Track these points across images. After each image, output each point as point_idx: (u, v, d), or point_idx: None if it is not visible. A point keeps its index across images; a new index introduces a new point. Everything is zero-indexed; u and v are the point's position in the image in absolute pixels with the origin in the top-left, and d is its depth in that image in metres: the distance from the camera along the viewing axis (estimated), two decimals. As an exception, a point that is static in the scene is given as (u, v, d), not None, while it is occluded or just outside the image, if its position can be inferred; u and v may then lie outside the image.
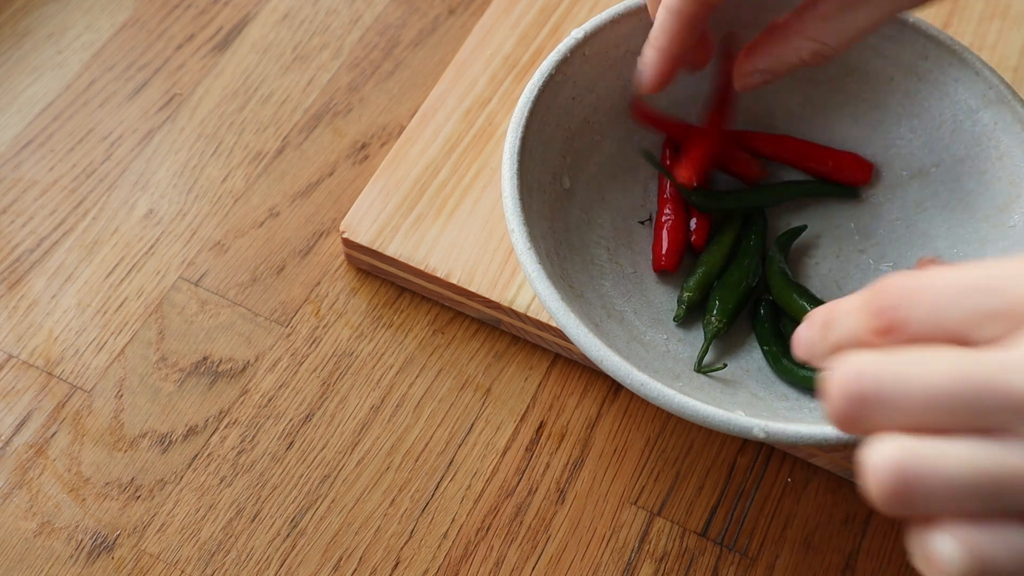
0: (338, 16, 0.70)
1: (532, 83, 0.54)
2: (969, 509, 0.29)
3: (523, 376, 0.58)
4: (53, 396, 0.57)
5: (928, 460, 0.29)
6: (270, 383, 0.57)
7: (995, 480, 0.29)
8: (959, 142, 0.56)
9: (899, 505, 0.30)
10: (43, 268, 0.61)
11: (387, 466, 0.55)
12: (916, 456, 0.29)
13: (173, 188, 0.63)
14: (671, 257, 0.56)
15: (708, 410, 0.45)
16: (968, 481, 0.29)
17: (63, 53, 0.68)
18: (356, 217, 0.59)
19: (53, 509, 0.54)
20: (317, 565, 0.53)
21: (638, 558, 0.53)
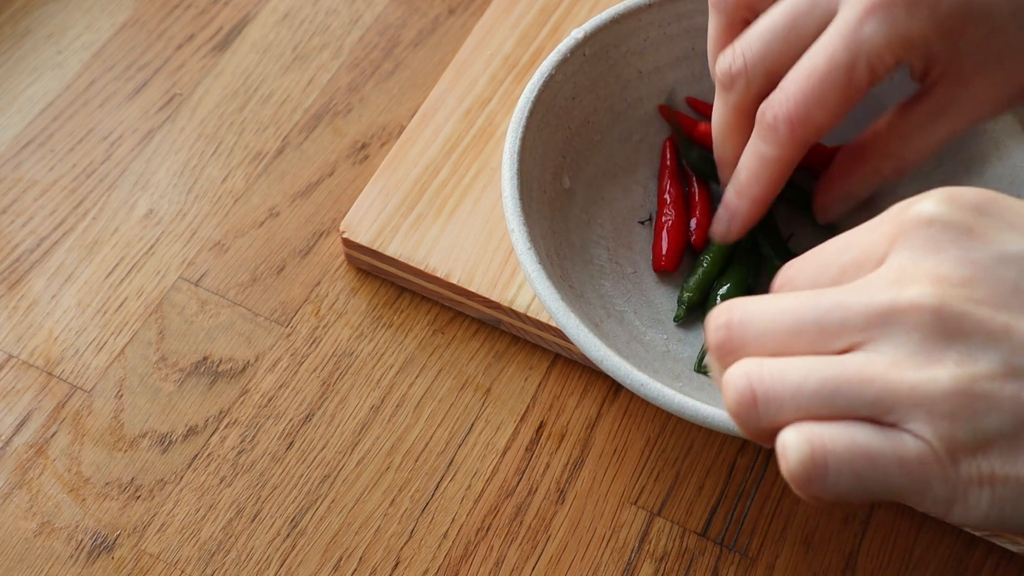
0: (338, 16, 0.70)
1: (532, 83, 0.54)
2: (811, 412, 0.33)
3: (523, 376, 0.58)
4: (53, 396, 0.57)
5: (773, 371, 0.33)
6: (270, 383, 0.57)
7: (830, 383, 0.33)
8: (959, 142, 0.56)
9: (751, 415, 0.34)
10: (43, 268, 0.61)
11: (387, 466, 0.55)
12: (764, 368, 0.34)
13: (173, 188, 0.63)
14: (671, 257, 0.56)
15: (708, 410, 0.45)
16: (807, 386, 0.33)
17: (63, 53, 0.68)
18: (356, 217, 0.59)
19: (53, 509, 0.54)
20: (317, 565, 0.53)
21: (638, 558, 0.53)
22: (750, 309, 0.35)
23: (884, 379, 0.32)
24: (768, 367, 0.34)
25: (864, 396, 0.32)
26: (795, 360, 0.33)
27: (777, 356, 0.34)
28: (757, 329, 0.35)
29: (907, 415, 0.32)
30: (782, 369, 0.33)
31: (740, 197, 0.51)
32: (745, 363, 0.34)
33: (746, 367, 0.34)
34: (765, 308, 0.35)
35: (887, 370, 0.32)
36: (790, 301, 0.34)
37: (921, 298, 0.32)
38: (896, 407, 0.32)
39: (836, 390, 0.33)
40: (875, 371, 0.32)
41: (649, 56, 0.58)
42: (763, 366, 0.34)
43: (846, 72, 0.45)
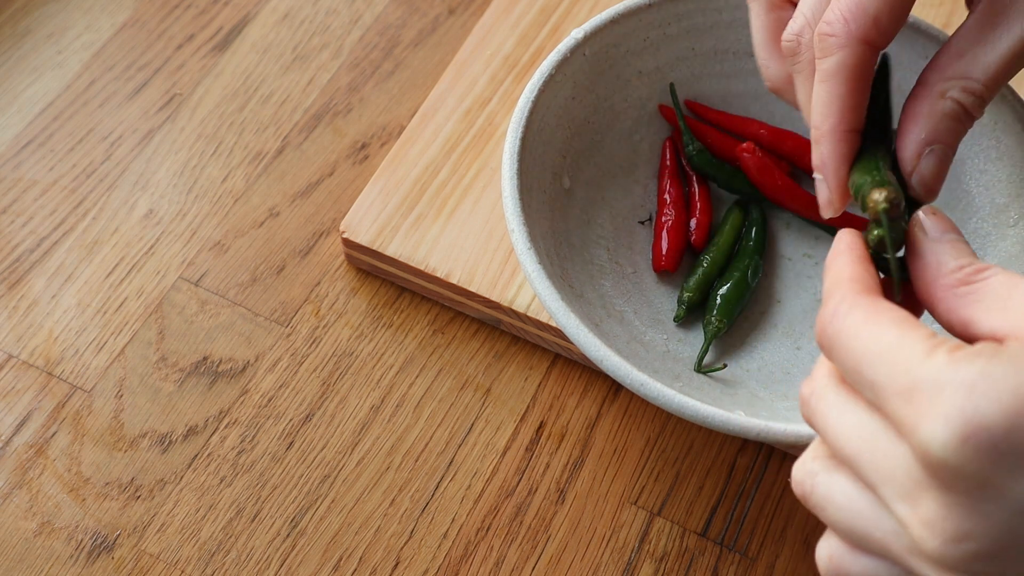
0: (338, 16, 0.70)
1: (532, 83, 0.54)
2: (846, 539, 0.35)
3: (523, 376, 0.58)
4: (53, 396, 0.57)
5: (819, 494, 0.35)
6: (270, 383, 0.57)
7: (861, 537, 0.34)
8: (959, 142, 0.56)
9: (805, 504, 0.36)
10: (43, 268, 0.61)
11: (387, 466, 0.55)
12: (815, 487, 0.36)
13: (173, 188, 0.63)
14: (671, 257, 0.56)
15: (708, 410, 0.45)
16: (843, 530, 0.35)
17: (63, 53, 0.68)
18: (356, 217, 0.59)
19: (53, 509, 0.54)
20: (317, 565, 0.53)
21: (638, 558, 0.53)
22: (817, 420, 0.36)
23: (904, 559, 0.33)
24: (817, 488, 0.36)
25: (886, 557, 0.34)
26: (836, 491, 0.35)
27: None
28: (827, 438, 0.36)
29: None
30: (824, 497, 0.35)
31: (819, 141, 0.44)
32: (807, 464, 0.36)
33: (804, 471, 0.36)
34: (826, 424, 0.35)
35: (908, 554, 0.33)
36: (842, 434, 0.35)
37: (925, 546, 0.32)
38: None
39: (861, 541, 0.34)
40: (897, 549, 0.33)
41: (649, 56, 0.58)
42: (814, 483, 0.36)
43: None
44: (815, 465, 0.36)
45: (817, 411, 0.36)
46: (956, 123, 0.43)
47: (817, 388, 0.36)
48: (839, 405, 0.35)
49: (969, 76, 0.43)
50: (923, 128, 0.43)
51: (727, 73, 0.60)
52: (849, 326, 0.34)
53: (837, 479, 0.35)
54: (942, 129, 0.43)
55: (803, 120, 0.47)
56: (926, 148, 0.43)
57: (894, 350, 0.33)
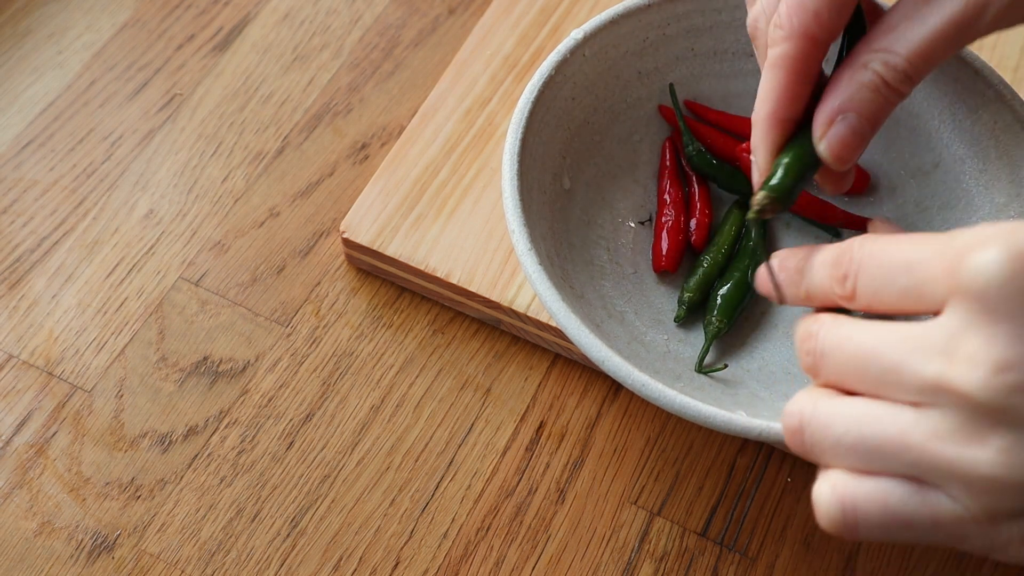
0: (338, 16, 0.70)
1: (532, 83, 0.54)
2: (849, 463, 0.34)
3: (523, 376, 0.58)
4: (53, 396, 0.57)
5: (822, 415, 0.35)
6: (270, 383, 0.57)
7: (869, 441, 0.34)
8: (959, 142, 0.56)
9: (796, 447, 0.36)
10: (43, 268, 0.61)
11: (387, 466, 0.55)
12: (816, 409, 0.35)
13: (173, 188, 0.63)
14: (671, 257, 0.56)
15: (709, 411, 0.45)
16: (846, 440, 0.34)
17: (64, 53, 0.68)
18: (356, 217, 0.59)
19: (53, 509, 0.54)
20: (317, 565, 0.53)
21: (638, 558, 0.53)
22: (831, 340, 0.36)
23: (923, 447, 0.32)
24: (820, 410, 0.35)
25: (901, 459, 0.33)
26: (846, 408, 0.35)
27: (846, 388, 0.35)
28: (833, 362, 0.36)
29: (945, 484, 0.32)
30: (830, 415, 0.35)
31: (755, 125, 0.45)
32: (804, 397, 0.36)
33: (801, 404, 0.36)
34: (843, 342, 0.36)
35: (929, 439, 0.32)
36: (856, 343, 0.35)
37: (965, 383, 0.31)
38: (934, 475, 0.32)
39: (874, 449, 0.33)
40: (917, 438, 0.32)
41: (649, 56, 0.58)
42: (816, 407, 0.35)
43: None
44: (814, 394, 0.36)
45: (828, 332, 0.36)
46: (874, 94, 0.43)
47: (826, 318, 0.37)
48: (852, 323, 0.36)
49: (892, 50, 0.42)
50: (840, 96, 0.43)
51: (727, 73, 0.60)
52: (876, 244, 0.36)
53: (840, 400, 0.35)
54: (857, 99, 0.43)
55: None
56: (838, 115, 0.43)
57: (924, 243, 0.34)
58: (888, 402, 0.34)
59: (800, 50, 0.43)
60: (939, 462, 0.32)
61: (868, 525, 0.34)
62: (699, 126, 0.59)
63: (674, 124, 0.59)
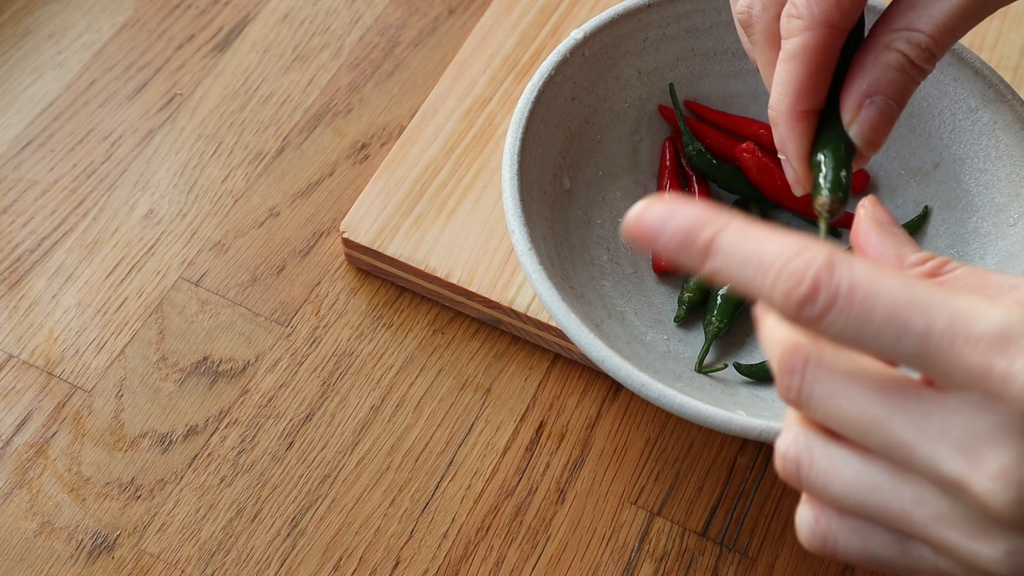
0: (338, 16, 0.70)
1: (532, 83, 0.54)
2: (839, 508, 0.32)
3: (523, 376, 0.58)
4: (53, 396, 0.57)
5: (822, 468, 0.32)
6: (270, 383, 0.57)
7: (869, 507, 0.31)
8: (959, 142, 0.56)
9: (790, 481, 0.33)
10: (43, 268, 0.61)
11: (387, 466, 0.55)
12: (815, 460, 0.32)
13: (173, 188, 0.63)
14: (671, 257, 0.56)
15: (709, 410, 0.45)
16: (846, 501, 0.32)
17: (63, 53, 0.68)
18: (356, 217, 0.59)
19: (53, 509, 0.54)
20: (317, 565, 0.53)
21: (638, 558, 0.53)
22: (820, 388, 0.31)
23: (926, 527, 0.31)
24: (817, 463, 0.32)
25: (899, 527, 0.32)
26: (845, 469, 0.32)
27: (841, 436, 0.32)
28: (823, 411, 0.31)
29: (941, 553, 0.31)
30: (828, 473, 0.32)
31: (776, 122, 0.43)
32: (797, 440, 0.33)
33: (797, 449, 0.32)
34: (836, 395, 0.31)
35: (934, 520, 0.31)
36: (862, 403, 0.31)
37: (988, 497, 0.29)
38: (932, 546, 0.32)
39: (872, 515, 0.32)
40: (920, 517, 0.31)
41: (649, 56, 0.58)
42: (813, 458, 0.32)
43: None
44: (810, 439, 0.32)
45: (818, 380, 0.31)
46: (900, 75, 0.42)
47: (813, 355, 0.31)
48: (853, 373, 0.31)
49: (915, 28, 0.42)
50: (866, 79, 0.42)
51: (727, 73, 0.60)
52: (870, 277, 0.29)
53: (840, 451, 0.32)
54: (884, 80, 0.42)
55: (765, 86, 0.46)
56: (867, 99, 0.42)
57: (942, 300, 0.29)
58: (888, 465, 0.31)
59: (821, 40, 0.42)
60: (941, 543, 0.31)
61: (845, 559, 0.33)
62: (699, 126, 0.59)
63: (674, 124, 0.59)
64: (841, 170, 0.43)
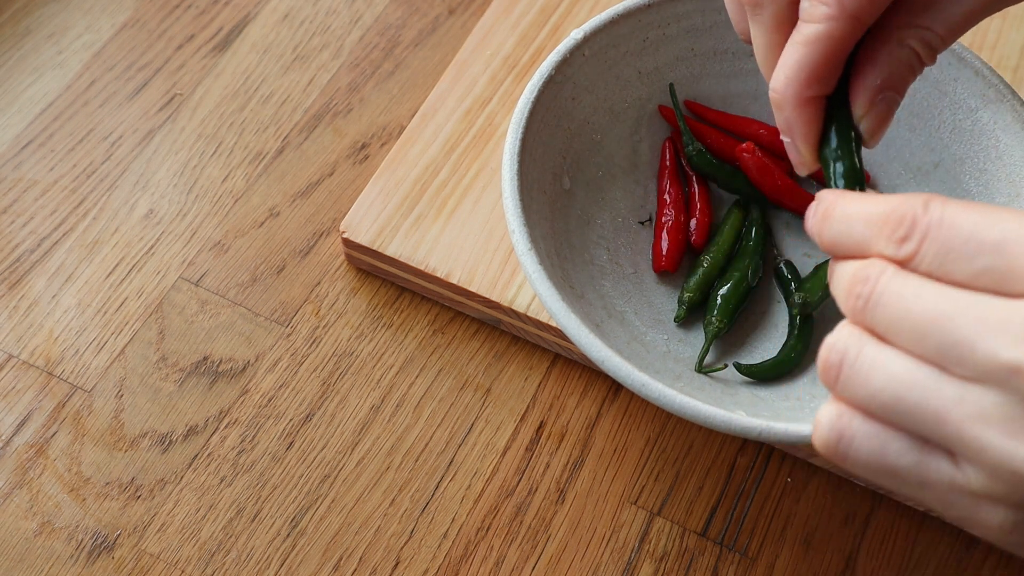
0: (338, 16, 0.70)
1: (532, 83, 0.54)
2: (876, 413, 0.33)
3: (523, 376, 0.58)
4: (53, 396, 0.57)
5: (864, 362, 0.33)
6: (270, 383, 0.57)
7: (904, 404, 0.32)
8: (959, 142, 0.56)
9: (828, 383, 0.34)
10: (43, 268, 0.61)
11: (387, 466, 0.55)
12: (860, 355, 0.33)
13: (173, 188, 0.63)
14: (671, 257, 0.56)
15: (709, 410, 0.45)
16: (881, 396, 0.33)
17: (63, 53, 0.68)
18: (356, 217, 0.59)
19: (53, 509, 0.54)
20: (317, 565, 0.53)
21: (638, 558, 0.53)
22: (892, 291, 0.33)
23: (962, 424, 0.31)
24: (866, 355, 0.33)
25: (932, 429, 0.32)
26: (893, 364, 0.33)
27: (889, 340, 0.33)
28: (888, 314, 0.33)
29: (967, 462, 0.32)
30: (873, 366, 0.33)
31: (780, 106, 0.43)
32: (851, 336, 0.34)
33: (847, 342, 0.34)
34: (908, 298, 0.33)
35: (972, 418, 0.31)
36: (924, 305, 0.33)
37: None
38: (959, 451, 0.32)
39: (906, 411, 0.32)
40: (958, 414, 0.31)
41: (649, 56, 0.58)
42: (862, 351, 0.33)
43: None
44: (862, 336, 0.34)
45: (891, 281, 0.33)
46: (908, 71, 0.43)
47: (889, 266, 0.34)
48: (919, 279, 0.33)
49: (932, 28, 0.42)
50: (879, 74, 0.42)
51: (727, 73, 0.60)
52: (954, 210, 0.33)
53: (891, 349, 0.33)
54: (895, 76, 0.43)
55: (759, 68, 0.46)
56: (879, 95, 0.43)
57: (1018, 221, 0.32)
58: (936, 369, 0.32)
59: (845, 31, 0.41)
60: (973, 442, 0.31)
61: (856, 462, 0.33)
62: (699, 126, 0.59)
63: (674, 124, 0.59)
64: (856, 161, 0.43)
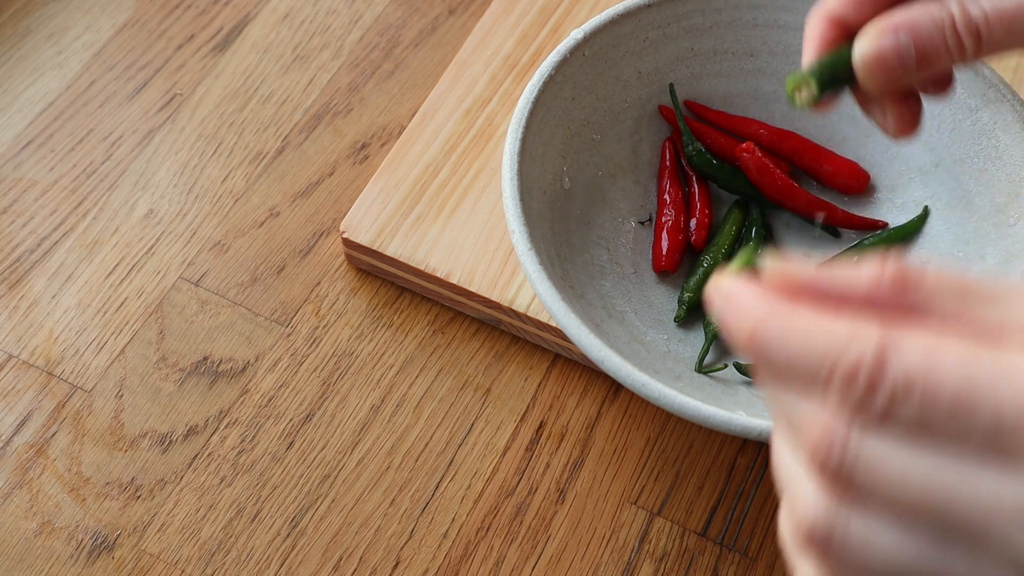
0: (338, 16, 0.70)
1: (532, 83, 0.54)
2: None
3: (523, 376, 0.58)
4: (53, 396, 0.57)
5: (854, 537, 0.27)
6: (270, 383, 0.57)
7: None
8: (959, 142, 0.56)
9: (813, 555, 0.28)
10: (43, 268, 0.61)
11: (387, 466, 0.55)
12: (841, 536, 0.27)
13: (173, 188, 0.63)
14: (671, 257, 0.56)
15: (709, 410, 0.45)
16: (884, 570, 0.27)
17: (63, 53, 0.68)
18: (356, 217, 0.59)
19: (53, 509, 0.54)
20: (317, 565, 0.53)
21: (638, 558, 0.53)
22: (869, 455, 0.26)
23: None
24: (853, 534, 0.27)
25: None
26: (887, 539, 0.27)
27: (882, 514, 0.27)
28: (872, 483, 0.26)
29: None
30: (866, 545, 0.27)
31: (809, 21, 0.41)
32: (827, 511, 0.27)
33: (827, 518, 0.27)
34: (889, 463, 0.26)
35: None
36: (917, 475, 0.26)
37: None
38: None
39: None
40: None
41: (648, 56, 0.58)
42: (848, 530, 0.27)
43: None
44: (842, 511, 0.27)
45: (860, 456, 0.26)
46: (937, 32, 0.38)
47: (850, 438, 0.26)
48: (897, 449, 0.26)
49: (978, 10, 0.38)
50: (902, 14, 0.39)
51: (727, 73, 0.60)
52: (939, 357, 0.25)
53: (881, 525, 0.27)
54: (918, 26, 0.39)
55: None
56: (890, 30, 0.39)
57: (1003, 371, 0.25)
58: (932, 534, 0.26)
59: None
60: None
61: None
62: (699, 126, 0.59)
63: (674, 124, 0.59)
64: (830, 66, 0.40)
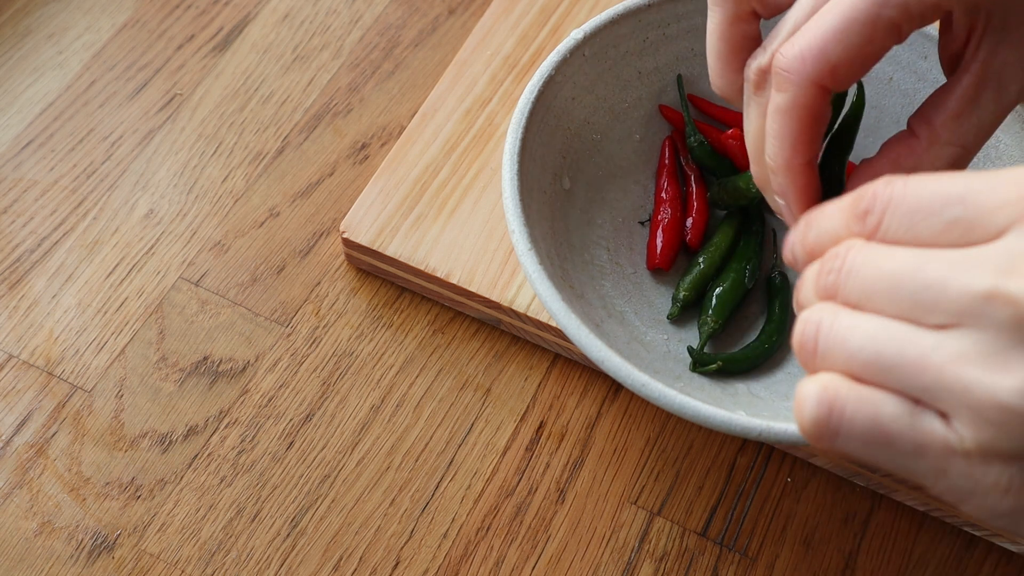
0: (338, 16, 0.70)
1: (532, 84, 0.54)
2: (858, 375, 0.32)
3: (523, 376, 0.58)
4: (53, 396, 0.57)
5: (841, 327, 0.33)
6: (270, 383, 0.57)
7: (885, 359, 0.31)
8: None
9: (806, 359, 0.34)
10: (43, 268, 0.61)
11: (387, 466, 0.55)
12: (834, 321, 0.33)
13: (173, 188, 0.63)
14: (665, 255, 0.56)
15: (709, 410, 0.45)
16: (861, 355, 0.32)
17: (64, 53, 0.68)
18: (356, 217, 0.59)
19: (53, 509, 0.54)
20: (317, 565, 0.53)
21: (638, 558, 0.53)
22: (863, 258, 0.33)
23: (943, 368, 0.31)
24: (840, 322, 0.33)
25: (915, 379, 0.31)
26: (868, 324, 0.32)
27: (866, 310, 0.33)
28: (862, 279, 0.33)
29: (952, 410, 0.31)
30: (850, 328, 0.32)
31: (775, 172, 0.44)
32: (823, 309, 0.33)
33: (820, 314, 0.33)
34: (879, 259, 0.33)
35: (952, 359, 0.30)
36: (895, 261, 0.32)
37: (1022, 295, 0.29)
38: (943, 400, 0.31)
39: (888, 367, 0.31)
40: (938, 358, 0.31)
41: (649, 56, 0.58)
42: (836, 319, 0.33)
43: (873, 5, 0.40)
44: (834, 307, 0.33)
45: (862, 250, 0.33)
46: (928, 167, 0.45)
47: (858, 241, 0.33)
48: (888, 246, 0.33)
49: (965, 145, 0.44)
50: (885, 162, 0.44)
51: (727, 73, 0.60)
52: (910, 182, 0.33)
53: (862, 315, 0.32)
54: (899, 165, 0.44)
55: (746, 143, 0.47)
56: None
57: (973, 177, 0.32)
58: (913, 324, 0.31)
59: (812, 98, 0.42)
60: (955, 384, 0.30)
61: (850, 434, 0.32)
62: (702, 125, 0.59)
63: (674, 124, 0.59)
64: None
